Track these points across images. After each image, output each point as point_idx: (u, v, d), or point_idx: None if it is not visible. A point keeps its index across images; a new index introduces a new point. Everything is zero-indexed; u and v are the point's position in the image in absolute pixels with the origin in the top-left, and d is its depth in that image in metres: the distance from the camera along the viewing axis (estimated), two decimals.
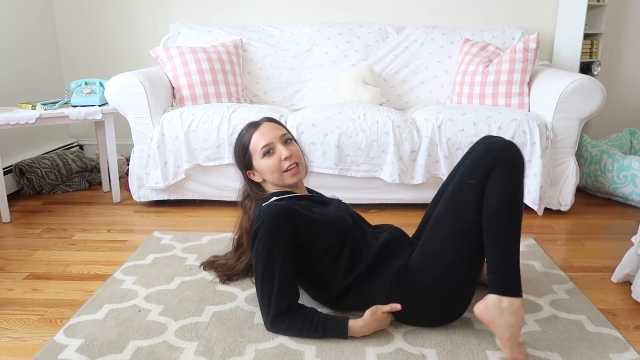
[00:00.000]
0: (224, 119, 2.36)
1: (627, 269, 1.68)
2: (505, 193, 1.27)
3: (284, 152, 1.49)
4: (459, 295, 1.38)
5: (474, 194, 1.30)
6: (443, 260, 1.34)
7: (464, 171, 1.34)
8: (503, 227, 1.27)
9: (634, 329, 1.47)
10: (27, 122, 2.33)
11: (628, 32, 3.23)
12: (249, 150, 1.53)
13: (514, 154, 1.30)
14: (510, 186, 1.28)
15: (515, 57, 2.55)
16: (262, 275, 1.37)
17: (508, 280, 1.27)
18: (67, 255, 1.99)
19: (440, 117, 2.34)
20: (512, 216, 1.27)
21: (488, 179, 1.28)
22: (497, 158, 1.28)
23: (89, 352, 1.34)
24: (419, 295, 1.37)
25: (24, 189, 2.76)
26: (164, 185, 2.43)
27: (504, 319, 1.25)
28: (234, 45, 2.85)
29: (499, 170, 1.27)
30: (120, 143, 3.25)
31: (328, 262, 1.44)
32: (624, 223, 2.34)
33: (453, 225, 1.33)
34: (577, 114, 2.30)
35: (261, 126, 1.53)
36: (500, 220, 1.27)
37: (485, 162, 1.30)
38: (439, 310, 1.40)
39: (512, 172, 1.28)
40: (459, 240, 1.32)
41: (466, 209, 1.31)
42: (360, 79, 2.73)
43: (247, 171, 1.57)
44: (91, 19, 3.26)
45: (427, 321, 1.45)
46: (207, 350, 1.35)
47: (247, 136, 1.53)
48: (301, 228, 1.40)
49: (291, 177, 1.50)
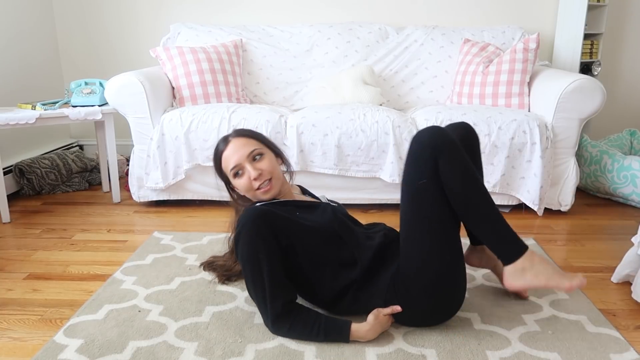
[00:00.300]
0: (224, 119, 2.36)
1: (627, 269, 1.68)
2: (462, 175, 1.29)
3: (252, 173, 1.46)
4: (450, 291, 1.38)
5: (431, 191, 1.31)
6: (426, 262, 1.34)
7: (410, 174, 1.35)
8: (479, 203, 1.30)
9: (634, 329, 1.47)
10: (27, 122, 2.33)
11: (628, 32, 3.23)
12: (223, 170, 1.54)
13: (443, 137, 1.31)
14: (461, 165, 1.30)
15: (515, 57, 2.55)
16: (251, 278, 1.36)
17: (509, 247, 1.31)
18: (67, 256, 1.99)
19: (440, 117, 2.34)
20: (479, 189, 1.31)
21: (439, 172, 1.29)
22: (433, 149, 1.29)
23: (88, 352, 1.34)
24: (411, 298, 1.37)
25: (24, 189, 2.76)
26: (164, 185, 2.43)
27: (531, 275, 1.30)
28: (234, 45, 2.85)
29: (443, 160, 1.29)
30: (120, 143, 3.25)
31: (313, 267, 1.42)
32: (624, 223, 2.34)
33: (423, 228, 1.34)
34: (577, 114, 2.30)
35: (229, 145, 1.50)
36: (473, 199, 1.30)
37: (425, 159, 1.30)
38: (433, 309, 1.40)
39: (453, 154, 1.30)
40: (434, 238, 1.33)
41: (429, 207, 1.32)
42: (360, 79, 2.73)
43: (228, 185, 1.58)
44: (91, 19, 3.26)
45: (423, 321, 1.44)
46: (207, 351, 1.35)
47: (218, 156, 1.53)
48: (281, 232, 1.39)
49: (264, 194, 1.49)
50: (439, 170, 1.29)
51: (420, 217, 1.34)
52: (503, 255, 1.33)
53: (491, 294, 1.65)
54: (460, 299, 1.42)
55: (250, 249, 1.35)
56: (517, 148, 2.30)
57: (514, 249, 1.32)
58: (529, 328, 1.45)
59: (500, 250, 1.33)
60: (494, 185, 2.35)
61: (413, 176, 1.33)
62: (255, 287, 1.36)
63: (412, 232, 1.36)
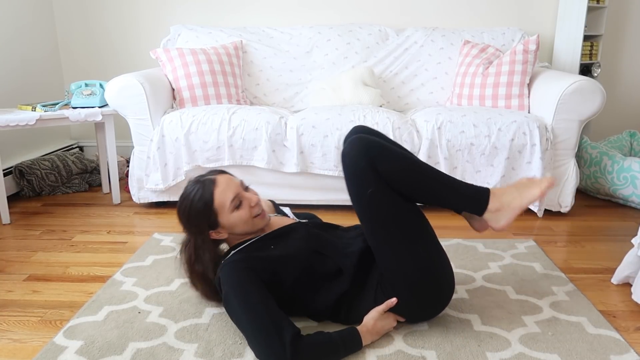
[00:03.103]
0: (224, 120, 2.36)
1: (627, 270, 1.68)
2: (402, 166, 1.33)
3: (253, 199, 1.45)
4: (434, 281, 1.37)
5: (380, 195, 1.33)
6: (401, 264, 1.35)
7: (355, 191, 1.36)
8: (429, 184, 1.35)
9: (634, 330, 1.47)
10: (27, 123, 2.33)
11: (628, 33, 3.23)
12: (215, 209, 1.40)
13: (367, 143, 1.33)
14: (397, 157, 1.33)
15: (515, 58, 2.55)
16: (251, 325, 1.27)
17: (473, 202, 1.37)
18: (67, 257, 1.99)
19: (440, 119, 2.34)
20: (422, 170, 1.35)
21: (380, 175, 1.32)
22: (365, 157, 1.31)
23: (88, 353, 1.34)
24: (399, 294, 1.37)
25: (24, 190, 2.76)
26: (164, 186, 2.43)
27: (507, 209, 1.36)
28: (234, 46, 2.85)
29: (379, 162, 1.31)
30: (120, 144, 3.25)
31: (304, 289, 1.41)
32: (624, 225, 2.34)
33: (387, 234, 1.35)
34: (577, 115, 2.31)
35: (219, 181, 1.42)
36: (422, 182, 1.34)
37: (362, 169, 1.32)
38: (424, 300, 1.39)
39: (385, 152, 1.33)
40: (401, 239, 1.35)
41: (385, 211, 1.34)
42: (360, 81, 2.73)
43: (210, 231, 1.45)
44: (91, 20, 3.26)
45: (420, 314, 1.44)
46: (207, 352, 1.35)
47: (207, 195, 1.40)
48: (262, 271, 1.36)
49: (261, 220, 1.48)
50: (380, 172, 1.31)
51: (380, 224, 1.36)
52: (474, 210, 1.38)
53: (491, 295, 1.65)
54: (449, 286, 1.41)
55: (243, 299, 1.29)
56: (517, 149, 2.30)
57: (479, 200, 1.36)
58: (529, 329, 1.45)
59: (469, 208, 1.38)
60: (494, 187, 2.34)
61: (359, 191, 1.35)
62: (259, 331, 1.25)
63: (378, 242, 1.37)
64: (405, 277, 1.36)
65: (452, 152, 2.32)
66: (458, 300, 1.62)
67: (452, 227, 2.30)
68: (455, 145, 2.32)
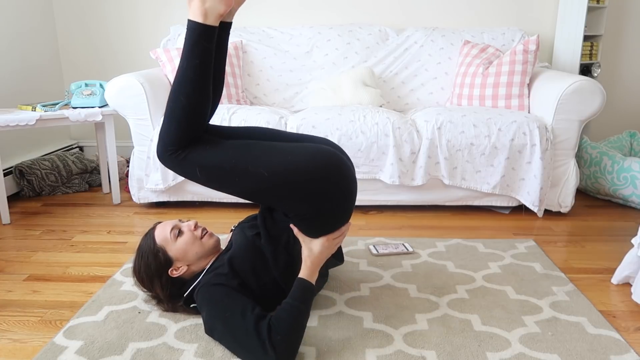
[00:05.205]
0: (224, 120, 2.36)
1: (627, 270, 1.68)
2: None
3: (190, 223, 1.53)
4: (300, 173, 1.30)
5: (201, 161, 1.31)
6: (265, 189, 1.30)
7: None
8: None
9: (634, 330, 1.47)
10: (27, 123, 2.33)
11: (628, 34, 3.23)
12: (160, 246, 1.47)
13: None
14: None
15: (515, 59, 2.55)
16: (235, 332, 1.29)
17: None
18: (67, 257, 1.99)
19: (440, 119, 2.34)
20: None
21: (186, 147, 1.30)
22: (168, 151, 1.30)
23: (88, 353, 1.34)
24: (298, 214, 1.35)
25: (24, 190, 2.76)
26: (164, 187, 2.43)
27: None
28: (234, 47, 2.85)
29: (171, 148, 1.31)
30: (120, 144, 3.25)
31: (262, 279, 1.43)
32: (624, 225, 2.34)
33: (238, 182, 1.31)
34: (577, 115, 2.31)
35: (157, 226, 1.53)
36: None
37: (171, 156, 1.31)
38: (314, 198, 1.32)
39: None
40: (246, 176, 1.30)
41: (205, 158, 1.30)
42: (360, 81, 2.73)
43: (168, 271, 1.48)
44: (91, 20, 3.26)
45: (335, 215, 1.39)
46: (207, 352, 1.35)
47: (149, 240, 1.49)
48: (231, 278, 1.40)
49: (209, 238, 1.53)
50: (182, 148, 1.29)
51: (228, 184, 1.32)
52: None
53: (491, 295, 1.65)
54: (321, 167, 1.32)
55: (219, 308, 1.33)
56: (517, 149, 2.30)
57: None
58: (529, 329, 1.45)
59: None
60: (494, 187, 2.35)
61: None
62: (243, 336, 1.27)
63: (248, 195, 1.35)
64: (281, 197, 1.31)
65: (452, 152, 2.33)
66: (458, 300, 1.62)
67: (452, 227, 2.30)
68: (455, 145, 2.32)
